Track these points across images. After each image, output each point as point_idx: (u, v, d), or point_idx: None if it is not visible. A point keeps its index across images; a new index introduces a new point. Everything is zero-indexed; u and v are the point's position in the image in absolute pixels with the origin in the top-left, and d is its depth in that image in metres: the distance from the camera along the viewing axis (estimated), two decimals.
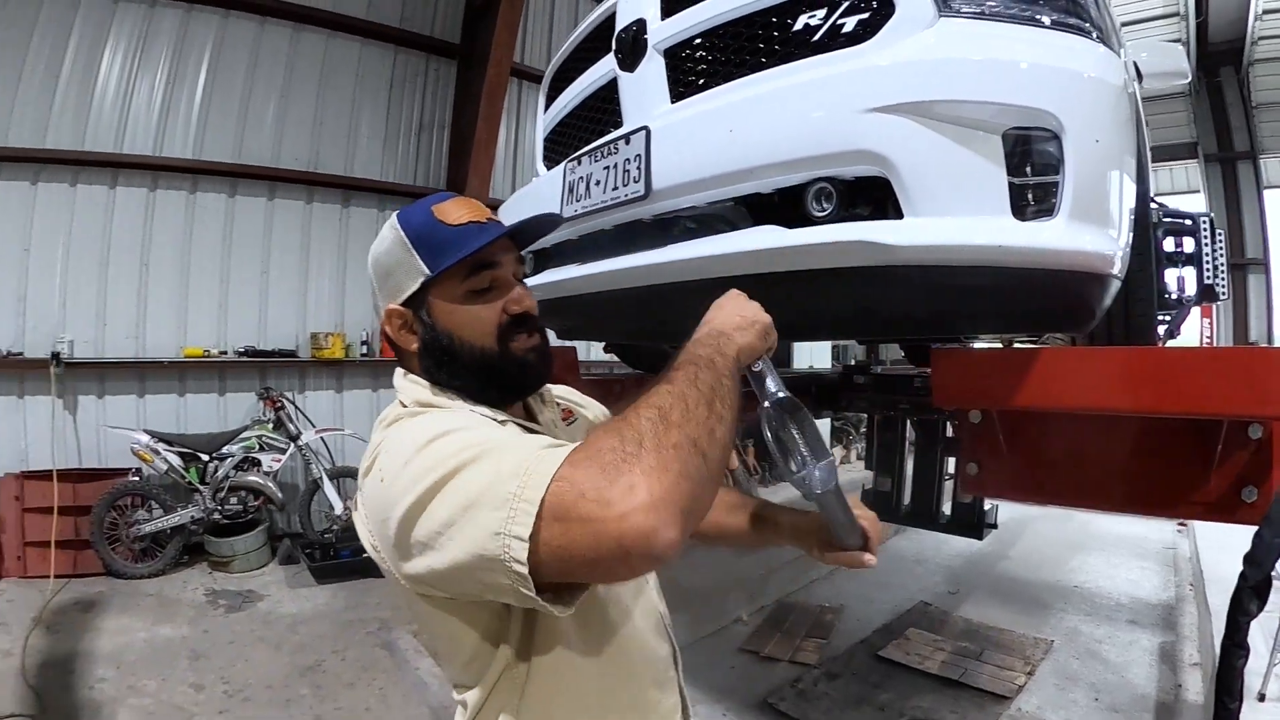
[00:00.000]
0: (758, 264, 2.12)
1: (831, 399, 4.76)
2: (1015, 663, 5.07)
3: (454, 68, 9.37)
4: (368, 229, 8.78)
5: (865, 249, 1.89)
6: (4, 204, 7.06)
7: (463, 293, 1.33)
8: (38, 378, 7.05)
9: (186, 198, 7.83)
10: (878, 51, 1.97)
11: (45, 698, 4.61)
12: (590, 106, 2.99)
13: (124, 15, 7.47)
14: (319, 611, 6.11)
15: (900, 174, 1.85)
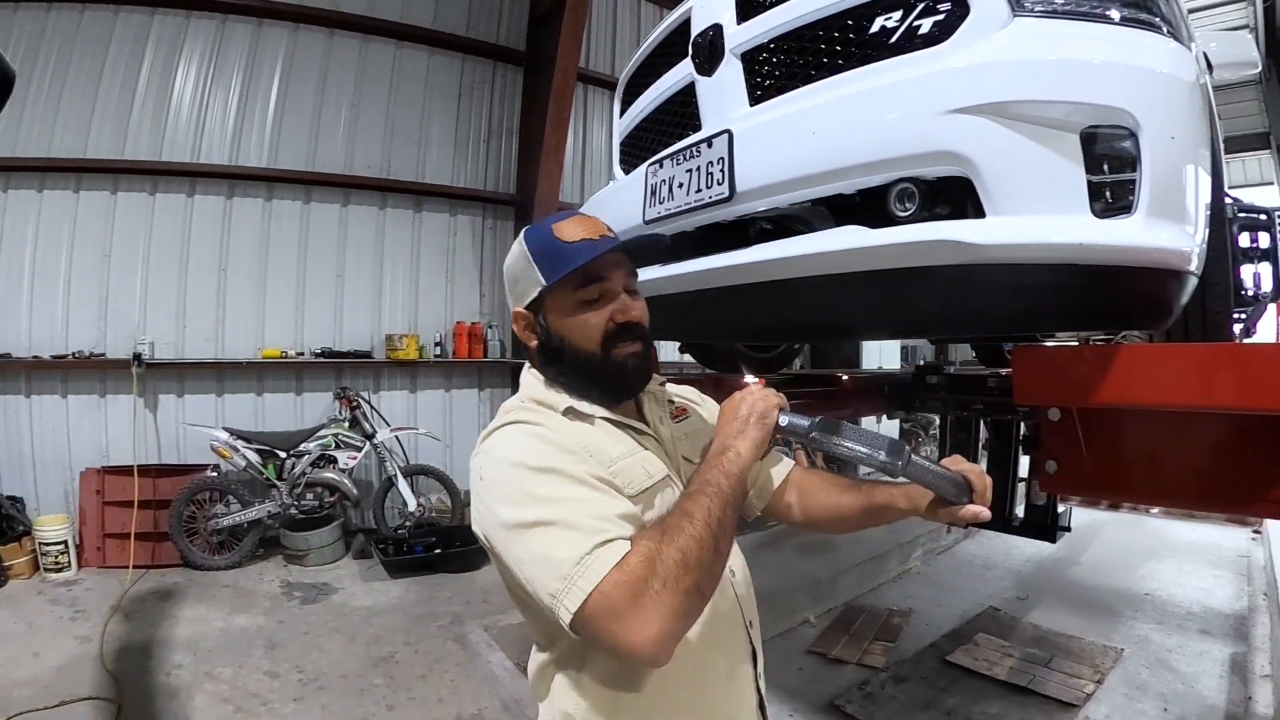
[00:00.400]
0: (841, 264, 2.15)
1: (904, 399, 4.73)
2: (1084, 670, 4.98)
3: (520, 74, 9.47)
4: (439, 233, 9.01)
5: (949, 248, 1.91)
6: (85, 213, 7.41)
7: (574, 302, 1.51)
8: (119, 377, 7.36)
9: (262, 205, 8.08)
10: (954, 53, 1.98)
11: (123, 682, 4.76)
12: (667, 110, 3.03)
13: (196, 31, 7.77)
14: (392, 605, 6.22)
15: (982, 174, 1.86)
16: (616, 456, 1.48)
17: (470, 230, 9.24)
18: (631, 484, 1.45)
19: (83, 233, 7.43)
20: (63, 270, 7.38)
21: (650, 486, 1.49)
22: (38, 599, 6.25)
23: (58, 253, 7.37)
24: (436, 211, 9.02)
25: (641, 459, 1.53)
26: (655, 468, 1.53)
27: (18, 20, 7.14)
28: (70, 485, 7.35)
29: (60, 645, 5.30)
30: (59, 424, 7.39)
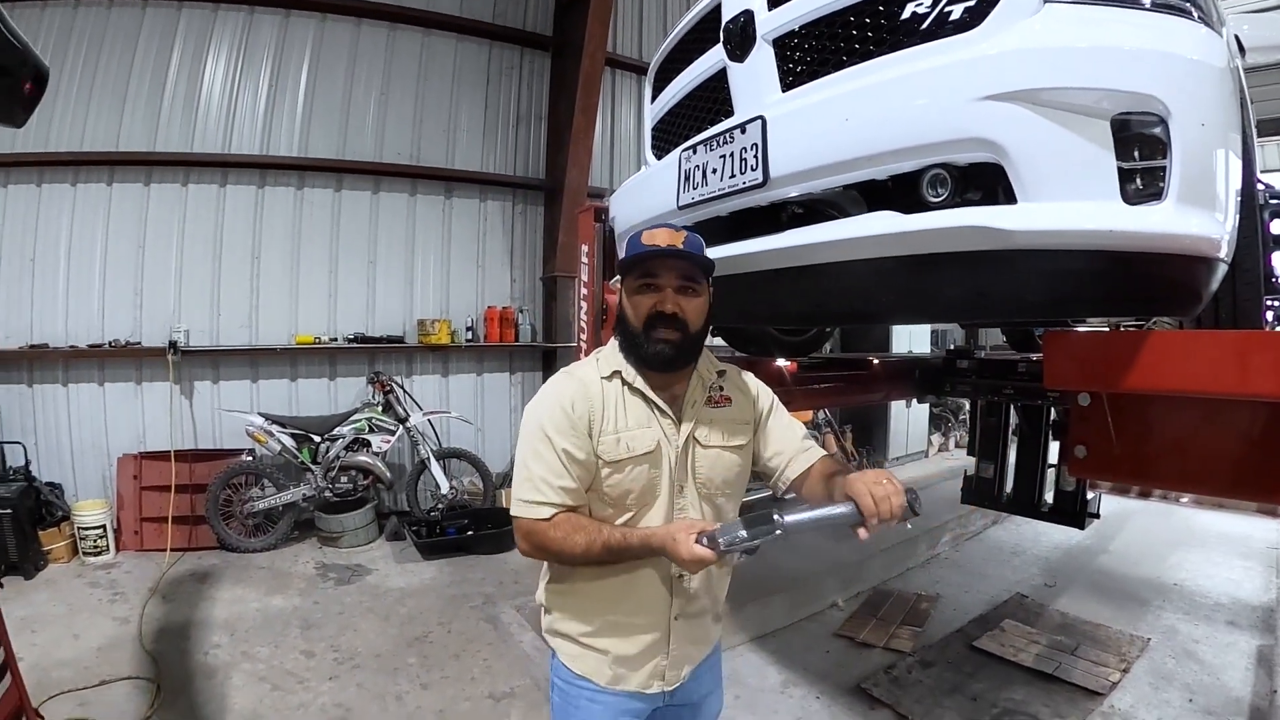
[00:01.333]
0: (874, 248, 2.17)
1: (935, 384, 4.74)
2: (1110, 659, 4.97)
3: (548, 59, 9.47)
4: (470, 219, 9.08)
5: (981, 234, 1.93)
6: (119, 205, 7.55)
7: (634, 287, 2.00)
8: (155, 365, 7.52)
9: (294, 193, 8.17)
10: (986, 39, 1.98)
11: (161, 662, 4.87)
12: (699, 96, 3.03)
13: (224, 23, 7.86)
14: (425, 586, 6.30)
15: (1014, 160, 1.88)
16: (623, 425, 1.98)
17: (500, 215, 9.27)
18: (612, 452, 1.95)
19: (117, 224, 7.58)
20: (98, 261, 7.52)
21: (624, 459, 1.96)
22: (77, 582, 6.36)
23: (92, 244, 7.51)
24: (466, 197, 9.06)
25: (641, 434, 1.99)
26: (642, 445, 1.98)
27: (45, 18, 7.28)
28: (108, 471, 7.50)
29: (99, 626, 5.40)
30: (96, 411, 7.54)
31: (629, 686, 2.10)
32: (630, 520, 1.99)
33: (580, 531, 1.88)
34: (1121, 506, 8.77)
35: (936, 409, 11.83)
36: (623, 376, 2.02)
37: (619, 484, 1.97)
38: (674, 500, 2.02)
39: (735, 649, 5.24)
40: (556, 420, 1.93)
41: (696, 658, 2.21)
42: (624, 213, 3.58)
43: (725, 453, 2.10)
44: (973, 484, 5.19)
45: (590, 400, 1.97)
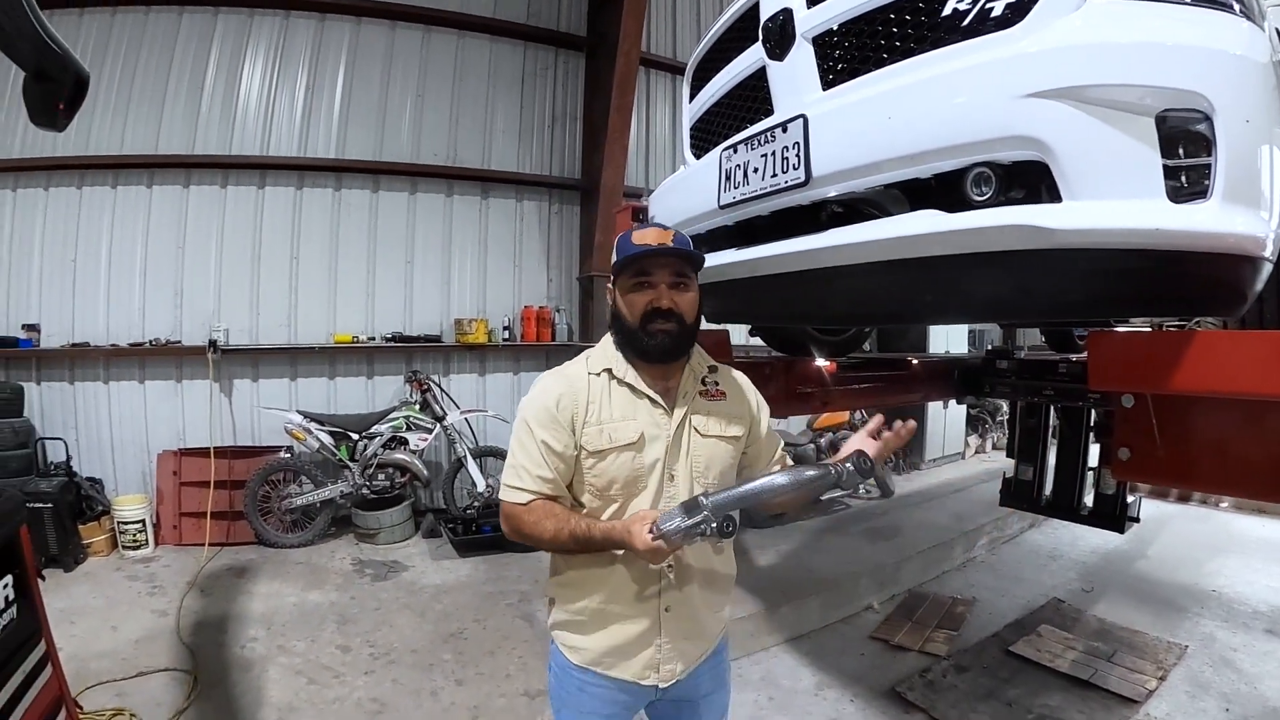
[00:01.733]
0: (917, 248, 2.15)
1: (974, 384, 4.70)
2: (1147, 666, 4.90)
3: (582, 60, 9.48)
4: (506, 219, 9.11)
5: (1026, 233, 1.91)
6: (158, 207, 7.70)
7: (628, 286, 2.09)
8: (195, 363, 7.64)
9: (332, 195, 8.26)
10: (1027, 35, 1.96)
11: (199, 655, 4.93)
12: (738, 95, 3.02)
13: (260, 28, 7.98)
14: (461, 583, 6.33)
15: (1058, 158, 1.85)
16: (608, 417, 2.08)
17: (536, 215, 9.29)
18: (595, 443, 2.06)
19: (157, 226, 7.72)
20: (138, 262, 7.67)
21: (606, 449, 2.06)
22: (116, 575, 6.46)
23: (133, 245, 7.65)
24: (503, 197, 9.09)
25: (625, 425, 2.08)
26: (624, 436, 2.07)
27: (84, 25, 7.45)
28: (148, 467, 7.63)
29: (138, 619, 5.48)
30: (137, 408, 7.68)
31: (622, 675, 2.16)
32: (617, 510, 2.09)
33: (551, 519, 2.00)
34: (1160, 511, 8.66)
35: (974, 410, 11.71)
36: (612, 372, 2.13)
37: (603, 473, 2.07)
38: (663, 489, 2.10)
39: (769, 650, 5.23)
40: (539, 414, 2.07)
41: (693, 654, 2.25)
42: (664, 212, 3.57)
43: (722, 442, 2.19)
44: (1011, 486, 5.12)
45: (576, 396, 2.09)
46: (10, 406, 6.98)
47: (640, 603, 2.14)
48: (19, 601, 2.45)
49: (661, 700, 2.28)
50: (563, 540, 1.98)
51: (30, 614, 2.54)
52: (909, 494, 9.05)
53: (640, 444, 2.08)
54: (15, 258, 7.45)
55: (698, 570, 2.19)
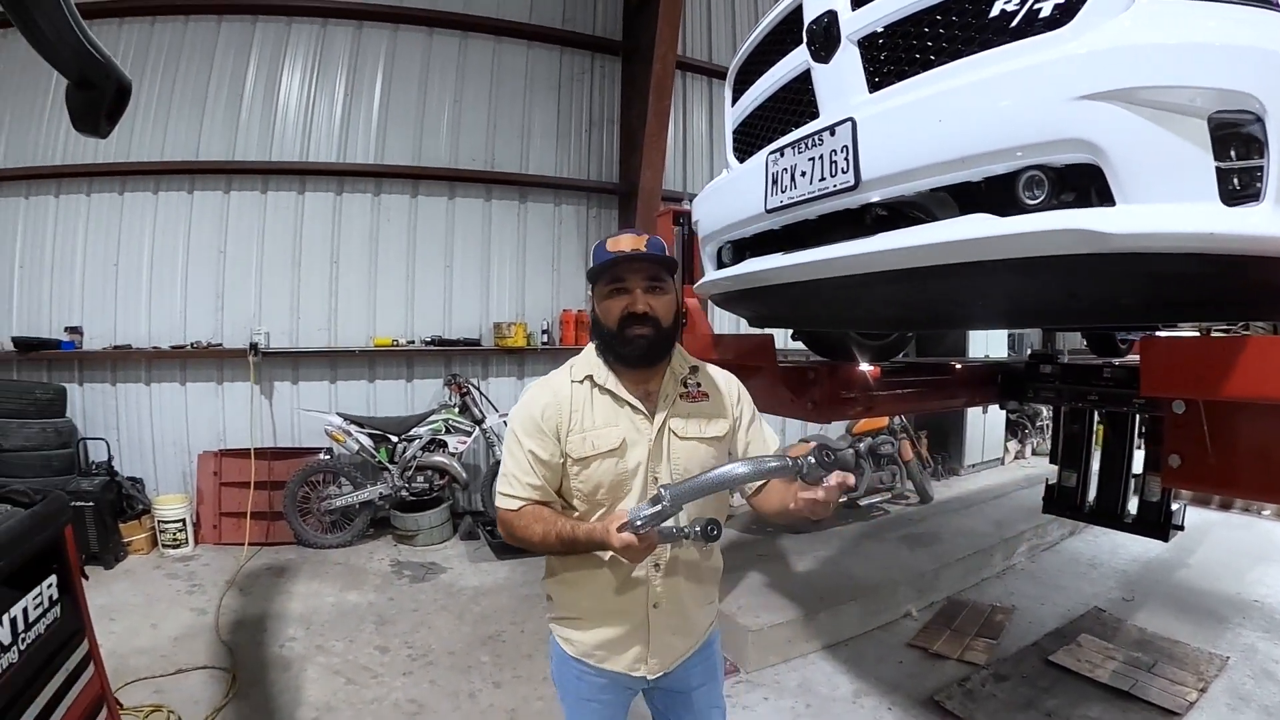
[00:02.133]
0: (967, 252, 2.12)
1: (1017, 389, 4.65)
2: (1188, 678, 4.80)
3: (618, 64, 9.49)
4: (545, 223, 9.14)
5: (1080, 237, 1.86)
6: (199, 212, 7.85)
7: (604, 293, 2.16)
8: (236, 366, 7.76)
9: (371, 200, 8.35)
10: (1077, 37, 1.92)
11: (238, 653, 5.00)
12: (781, 98, 2.98)
13: (298, 35, 8.10)
14: (499, 585, 6.36)
15: (1111, 161, 1.81)
16: (590, 424, 2.16)
17: (575, 219, 9.31)
18: (579, 450, 2.13)
19: (198, 230, 7.86)
20: (180, 266, 7.82)
21: (589, 455, 2.13)
22: (155, 573, 6.58)
23: (174, 250, 7.80)
24: (541, 202, 9.11)
25: (607, 432, 2.15)
26: (606, 442, 2.13)
27: (123, 34, 7.64)
28: (188, 467, 7.78)
29: (177, 617, 5.57)
30: (178, 410, 7.83)
31: (614, 668, 2.27)
32: (604, 514, 2.14)
33: (539, 522, 2.09)
34: (1201, 519, 8.50)
35: (1013, 415, 11.56)
36: (593, 379, 2.21)
37: (589, 479, 2.15)
38: (647, 492, 2.13)
39: (807, 657, 5.20)
40: (526, 425, 2.17)
41: (681, 648, 2.34)
42: (708, 216, 3.56)
43: (701, 444, 2.23)
44: (1054, 493, 5.05)
45: (559, 405, 2.17)
46: (53, 407, 7.13)
47: (629, 600, 2.22)
48: (63, 601, 2.50)
49: (655, 690, 2.39)
50: (551, 542, 2.07)
51: (74, 613, 2.59)
52: (948, 500, 8.95)
53: (622, 449, 2.15)
54: (58, 262, 7.64)
55: (684, 568, 2.27)
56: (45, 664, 2.36)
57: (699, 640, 2.40)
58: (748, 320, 4.12)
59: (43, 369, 7.55)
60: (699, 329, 5.06)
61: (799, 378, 4.27)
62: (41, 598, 2.36)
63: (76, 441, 7.32)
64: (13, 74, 7.51)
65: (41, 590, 2.37)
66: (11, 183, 7.62)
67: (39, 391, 7.08)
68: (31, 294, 7.63)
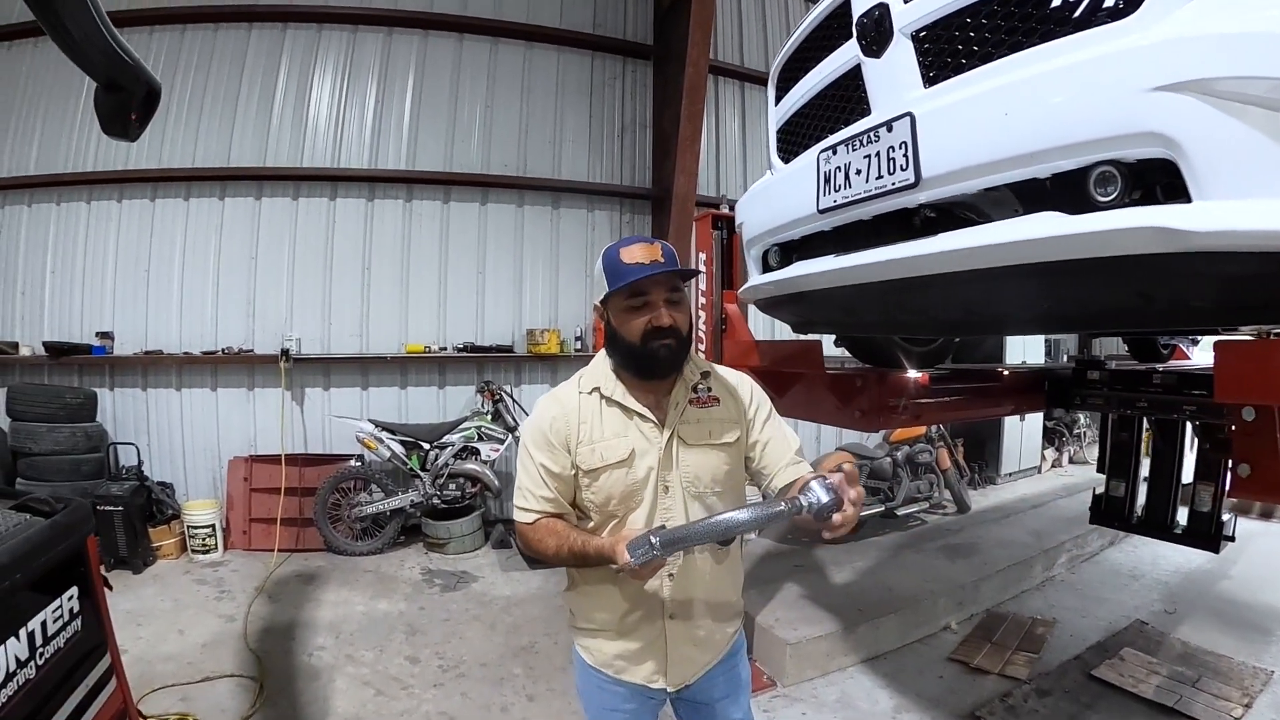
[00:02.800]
0: (1037, 252, 2.03)
1: (1064, 396, 4.55)
2: (1232, 693, 4.69)
3: (649, 68, 9.45)
4: (578, 228, 9.10)
5: (1157, 235, 1.77)
6: (230, 218, 7.91)
7: (623, 307, 2.12)
8: (267, 372, 7.78)
9: (403, 206, 8.35)
10: (1147, 26, 1.81)
11: (265, 661, 4.96)
12: (829, 96, 2.90)
13: (328, 42, 8.15)
14: (531, 595, 6.30)
15: (1189, 155, 1.71)
16: (599, 436, 2.15)
17: (608, 225, 9.25)
18: (589, 461, 2.13)
19: (229, 236, 7.91)
20: (211, 272, 7.87)
21: (598, 467, 2.13)
22: (184, 578, 6.59)
23: (205, 256, 7.86)
24: (574, 207, 9.08)
25: (616, 443, 2.15)
26: (615, 453, 2.13)
27: (154, 42, 7.72)
28: (219, 472, 7.80)
29: (205, 623, 5.56)
30: (208, 415, 7.86)
31: (632, 679, 2.28)
32: (618, 524, 2.16)
33: (552, 535, 2.10)
34: (1243, 529, 8.29)
35: (1050, 422, 11.42)
36: (601, 390, 2.21)
37: (600, 490, 2.14)
38: (658, 502, 2.16)
39: (845, 670, 5.10)
40: (536, 439, 2.18)
41: (701, 660, 2.33)
42: (754, 218, 3.48)
43: (712, 450, 2.22)
44: (1102, 503, 4.95)
45: (567, 418, 2.18)
46: (83, 411, 7.17)
47: (643, 612, 2.23)
48: (84, 613, 2.45)
49: (679, 700, 2.39)
50: (563, 555, 2.08)
51: (96, 626, 2.55)
52: (985, 509, 8.82)
53: (631, 460, 2.15)
54: (90, 267, 7.72)
55: (699, 578, 2.26)
56: (65, 678, 2.32)
57: (720, 651, 2.38)
58: (791, 326, 4.04)
59: (74, 374, 7.61)
60: (739, 335, 4.99)
61: (846, 385, 4.18)
62: (61, 610, 2.32)
63: (107, 446, 7.37)
64: (45, 82, 7.63)
65: (61, 603, 2.32)
66: (44, 189, 7.72)
67: (69, 396, 7.11)
68: (63, 299, 7.72)
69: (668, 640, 2.24)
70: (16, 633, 2.07)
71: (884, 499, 7.89)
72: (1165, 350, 5.76)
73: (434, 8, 8.39)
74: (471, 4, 8.55)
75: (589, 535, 2.08)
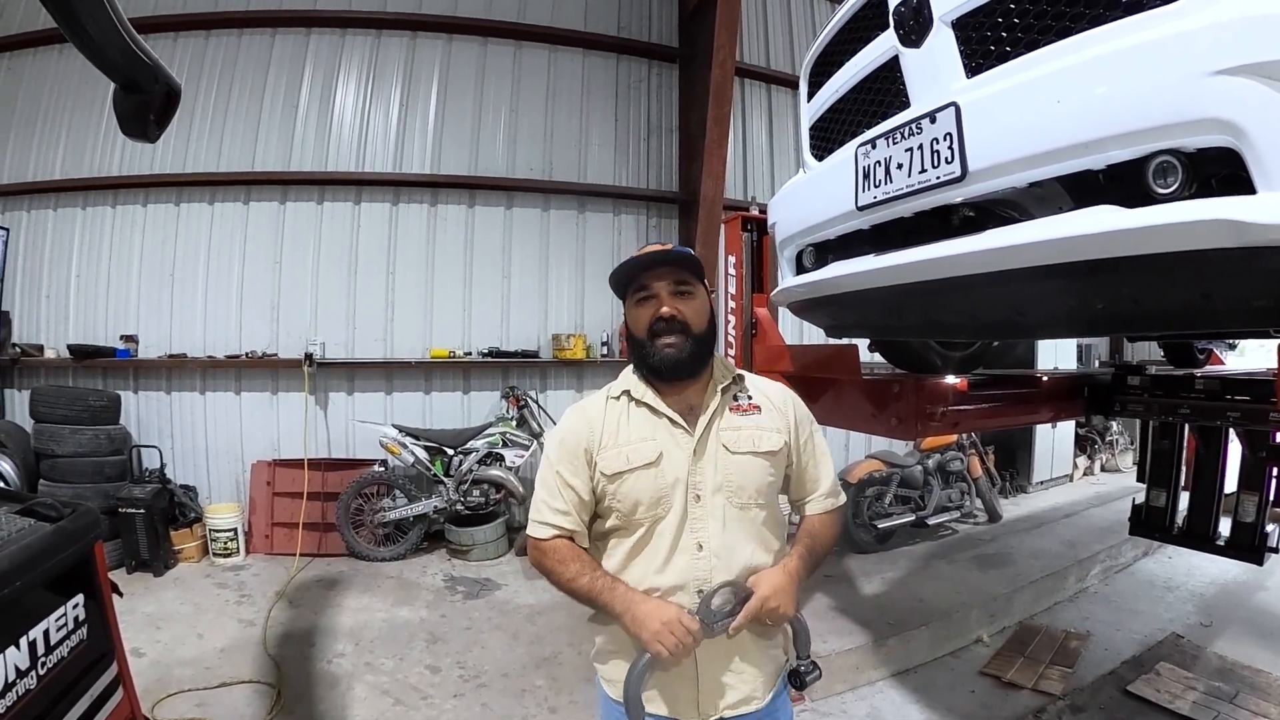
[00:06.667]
0: (1090, 249, 1.92)
1: (1104, 403, 4.44)
2: (1271, 709, 4.59)
3: (675, 71, 9.42)
4: (603, 233, 9.06)
5: (1221, 229, 1.66)
6: (255, 223, 7.95)
7: (633, 301, 2.13)
8: (291, 376, 7.78)
9: (427, 210, 8.36)
10: (1206, 5, 1.69)
11: (284, 667, 4.91)
12: (865, 89, 2.82)
13: (352, 47, 8.19)
14: (555, 604, 6.16)
15: (1255, 143, 1.60)
16: (625, 439, 2.07)
17: (635, 229, 9.21)
18: (613, 465, 2.03)
19: (254, 241, 7.95)
20: (235, 276, 7.91)
21: (623, 470, 2.03)
22: (205, 582, 6.58)
23: (230, 260, 7.90)
24: (600, 211, 9.05)
25: (643, 446, 2.05)
26: (642, 456, 2.03)
27: (178, 49, 7.82)
28: (241, 476, 7.82)
29: (224, 628, 5.54)
30: (232, 419, 7.88)
31: (659, 711, 2.09)
32: (644, 534, 2.05)
33: (575, 562, 2.04)
34: None
35: (1082, 430, 11.29)
36: (630, 393, 2.14)
37: (626, 495, 2.03)
38: (689, 509, 2.03)
39: (875, 685, 5.01)
40: (556, 449, 2.13)
41: (743, 692, 2.10)
42: (787, 218, 3.39)
43: (756, 458, 2.09)
44: (1142, 514, 4.84)
45: (591, 426, 2.11)
46: (107, 414, 7.19)
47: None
48: (90, 621, 2.39)
49: None
50: (579, 586, 2.02)
51: (102, 634, 2.48)
52: (1017, 519, 8.72)
53: (659, 462, 2.05)
54: (115, 271, 7.81)
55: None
56: (69, 688, 2.25)
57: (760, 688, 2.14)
58: (825, 330, 3.95)
59: (98, 376, 7.67)
60: (770, 340, 4.92)
61: (883, 391, 4.08)
62: (66, 618, 2.25)
63: (129, 449, 7.39)
64: (70, 87, 7.73)
65: (66, 611, 2.26)
66: (69, 193, 7.81)
67: (92, 398, 7.12)
68: (88, 302, 7.79)
69: (700, 668, 2.06)
70: (17, 641, 2.01)
71: (914, 508, 7.78)
72: (1201, 355, 5.63)
73: (458, 12, 8.41)
74: (495, 8, 8.57)
75: (615, 581, 2.01)
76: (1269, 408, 3.42)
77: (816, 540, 2.20)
